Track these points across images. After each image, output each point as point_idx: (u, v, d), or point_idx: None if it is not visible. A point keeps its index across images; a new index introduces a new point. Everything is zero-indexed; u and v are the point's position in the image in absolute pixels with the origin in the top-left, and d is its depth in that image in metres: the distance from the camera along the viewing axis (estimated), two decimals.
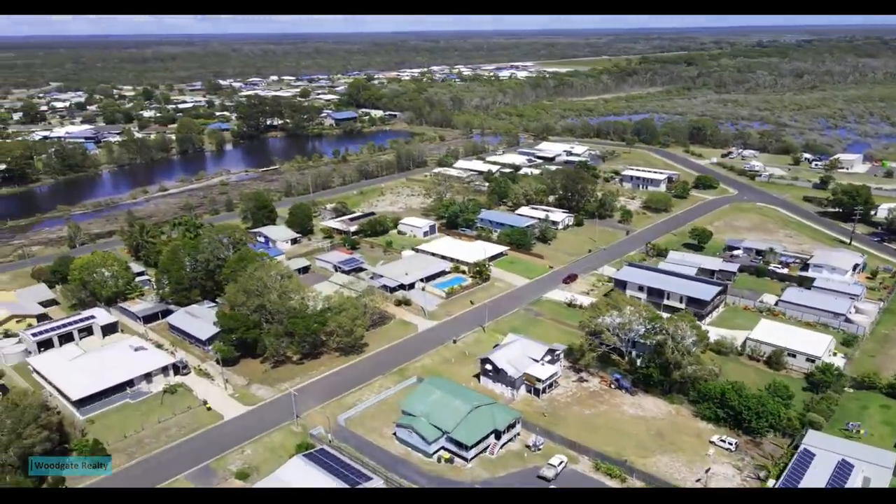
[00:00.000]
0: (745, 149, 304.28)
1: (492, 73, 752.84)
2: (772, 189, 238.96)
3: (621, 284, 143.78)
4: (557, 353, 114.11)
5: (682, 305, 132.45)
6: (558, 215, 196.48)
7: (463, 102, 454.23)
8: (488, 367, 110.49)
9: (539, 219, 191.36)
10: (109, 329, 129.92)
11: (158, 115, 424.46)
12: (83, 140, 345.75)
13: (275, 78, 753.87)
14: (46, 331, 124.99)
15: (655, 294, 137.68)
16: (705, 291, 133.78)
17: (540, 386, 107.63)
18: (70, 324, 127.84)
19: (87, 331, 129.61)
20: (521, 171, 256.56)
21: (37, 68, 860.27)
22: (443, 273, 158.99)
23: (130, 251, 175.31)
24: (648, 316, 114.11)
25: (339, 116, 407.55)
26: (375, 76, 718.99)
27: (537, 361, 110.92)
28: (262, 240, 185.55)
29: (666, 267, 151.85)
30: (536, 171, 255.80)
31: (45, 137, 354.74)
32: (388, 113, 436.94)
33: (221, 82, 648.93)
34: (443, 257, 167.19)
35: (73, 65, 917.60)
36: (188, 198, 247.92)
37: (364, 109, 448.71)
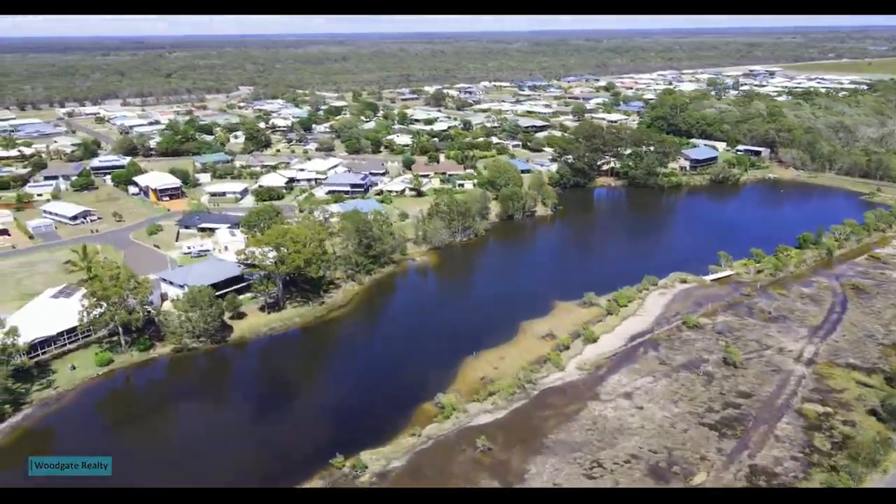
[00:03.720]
0: None
1: (742, 80, 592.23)
2: None
3: None
4: None
5: None
6: None
7: (852, 132, 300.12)
8: None
9: None
10: None
11: (413, 142, 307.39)
12: (349, 188, 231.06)
13: (487, 84, 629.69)
14: None
15: None
16: None
17: None
18: None
19: None
20: None
21: (220, 70, 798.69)
22: None
23: None
24: None
25: (698, 156, 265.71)
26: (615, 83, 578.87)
27: None
28: None
29: None
30: None
31: (292, 180, 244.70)
32: (742, 149, 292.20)
33: (451, 92, 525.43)
34: None
35: (252, 66, 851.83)
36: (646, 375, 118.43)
37: (695, 141, 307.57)
